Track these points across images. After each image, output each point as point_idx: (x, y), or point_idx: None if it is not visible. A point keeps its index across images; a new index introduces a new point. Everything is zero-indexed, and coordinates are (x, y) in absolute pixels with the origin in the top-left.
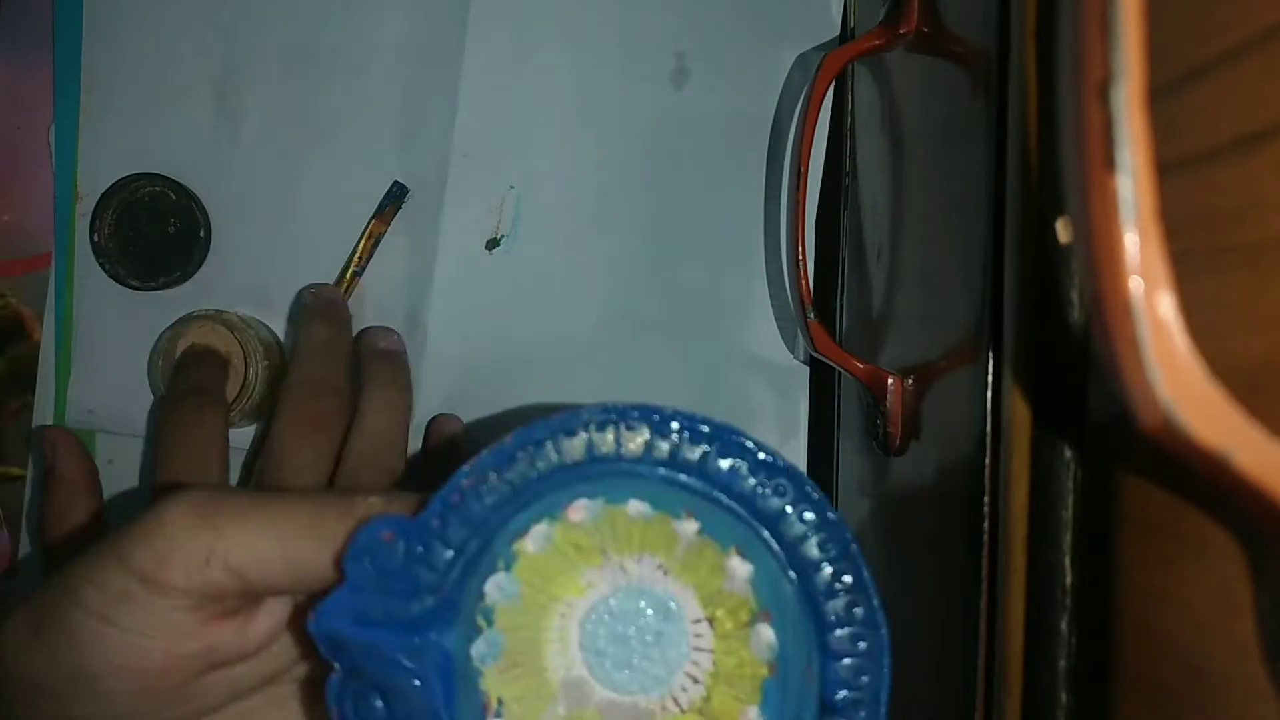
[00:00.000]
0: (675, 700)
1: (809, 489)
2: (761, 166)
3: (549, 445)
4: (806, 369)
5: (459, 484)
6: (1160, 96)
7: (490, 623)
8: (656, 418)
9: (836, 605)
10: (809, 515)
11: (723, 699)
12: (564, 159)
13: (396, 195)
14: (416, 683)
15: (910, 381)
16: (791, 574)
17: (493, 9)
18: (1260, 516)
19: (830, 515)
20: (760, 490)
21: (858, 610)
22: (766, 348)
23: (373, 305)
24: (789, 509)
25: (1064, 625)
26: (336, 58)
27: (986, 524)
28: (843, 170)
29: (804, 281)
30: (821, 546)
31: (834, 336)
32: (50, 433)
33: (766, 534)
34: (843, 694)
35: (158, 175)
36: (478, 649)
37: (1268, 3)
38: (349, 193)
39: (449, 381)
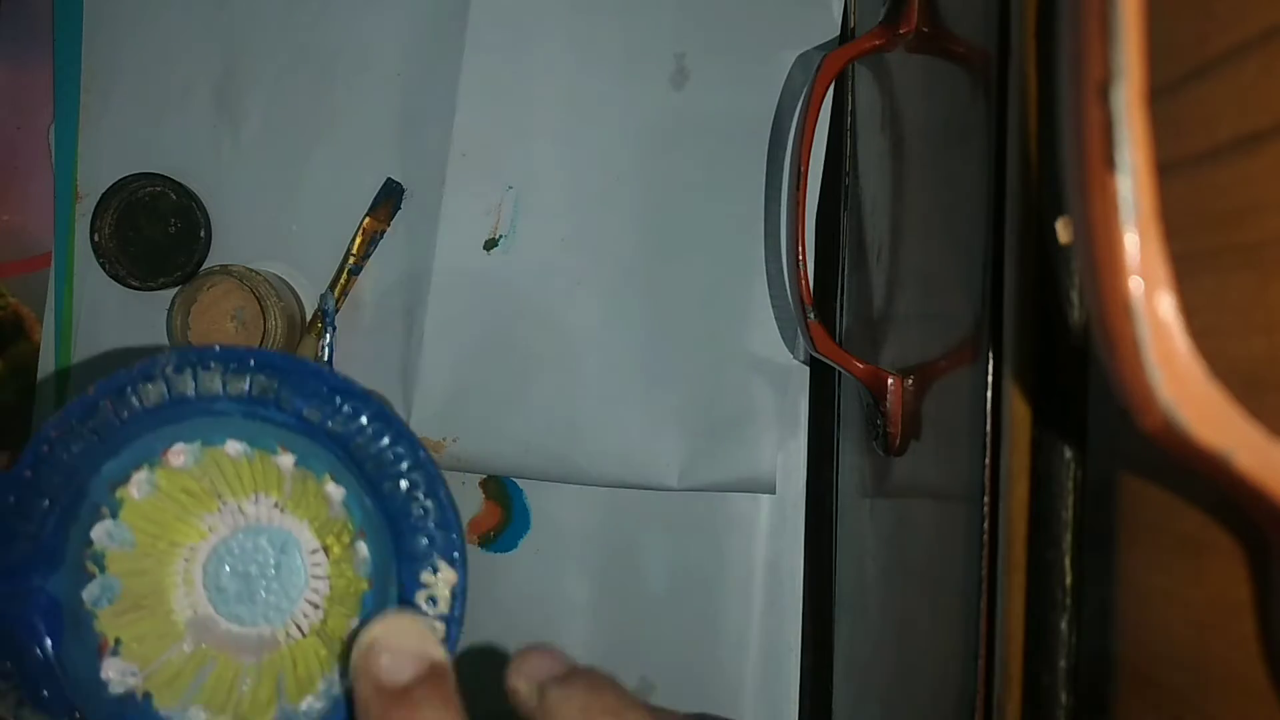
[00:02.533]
0: (297, 626)
1: (382, 409)
2: (761, 166)
3: (128, 392)
4: (806, 369)
5: (47, 434)
6: (1160, 96)
7: (102, 568)
8: (230, 357)
9: (413, 510)
10: (381, 431)
11: (336, 618)
12: (563, 159)
13: (391, 192)
14: (21, 629)
15: (910, 381)
16: (371, 490)
17: (492, 9)
18: (1260, 516)
19: (401, 428)
20: (334, 415)
21: (429, 512)
22: (766, 348)
23: (371, 305)
24: (363, 428)
25: (1064, 625)
26: (336, 58)
27: (986, 524)
28: (843, 170)
29: (804, 281)
30: (396, 454)
31: (834, 336)
32: None
33: (346, 455)
34: (419, 592)
35: (158, 175)
36: (90, 593)
37: (1268, 3)
38: (348, 193)
39: (446, 381)
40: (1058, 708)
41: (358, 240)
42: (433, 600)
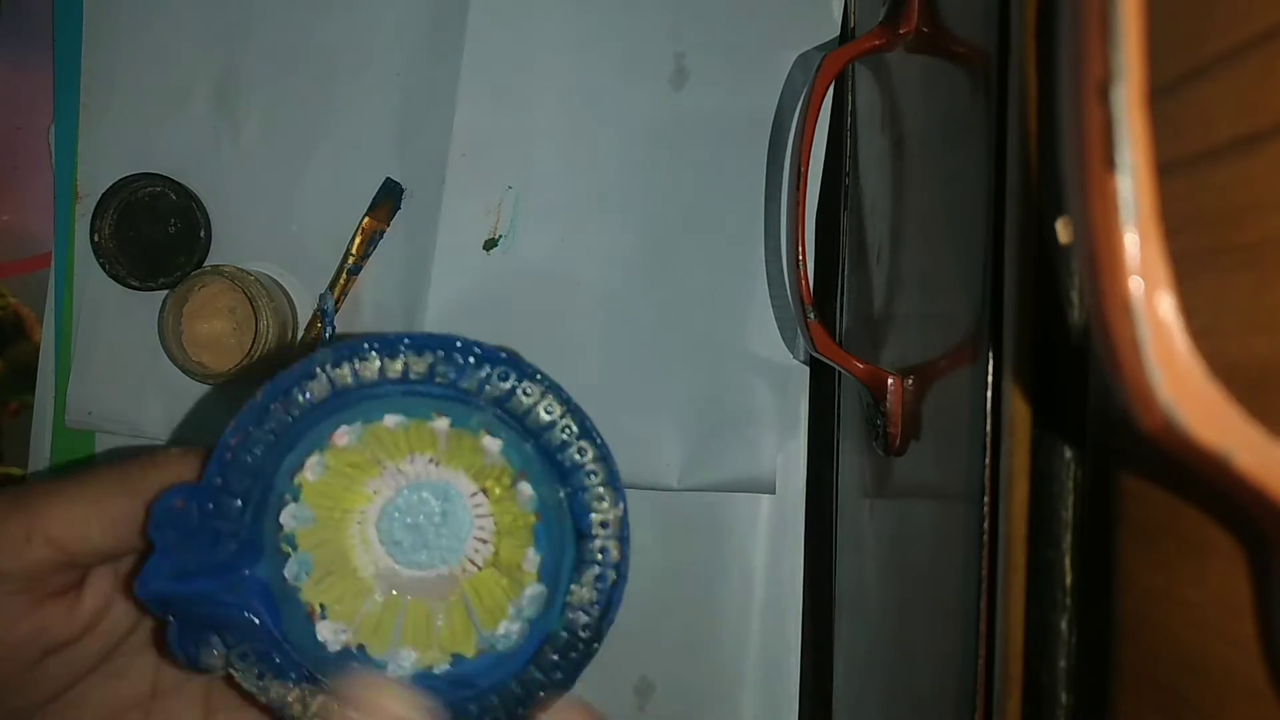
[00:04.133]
0: (471, 561)
1: (527, 368)
2: (761, 166)
3: (295, 392)
4: (806, 369)
5: (228, 443)
6: (1160, 96)
7: (295, 547)
8: (384, 346)
9: (570, 453)
10: (531, 388)
11: (508, 549)
12: (562, 159)
13: (390, 192)
14: (245, 614)
15: (910, 381)
16: (530, 439)
17: (492, 9)
18: (1260, 516)
19: (548, 381)
20: (486, 383)
21: (586, 451)
22: (766, 348)
23: (371, 305)
24: (514, 387)
25: (1064, 625)
26: (336, 58)
27: (986, 524)
28: (843, 170)
29: (804, 281)
30: (548, 410)
31: (834, 336)
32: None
33: (502, 413)
34: (590, 518)
35: (158, 175)
36: (290, 570)
37: (1268, 3)
38: (348, 193)
39: None
40: (1058, 708)
41: (357, 240)
42: (604, 525)
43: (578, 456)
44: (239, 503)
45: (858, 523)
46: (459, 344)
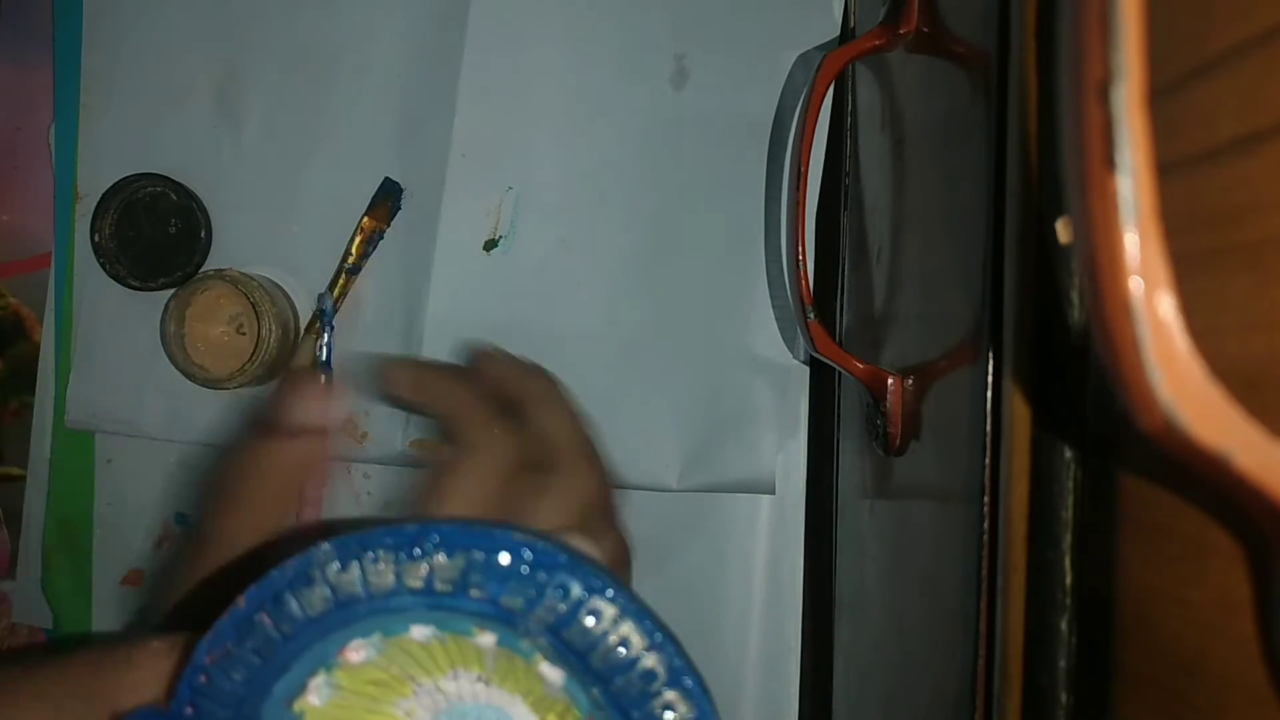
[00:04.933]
0: None
1: (595, 579)
2: (761, 166)
3: (287, 600)
4: (806, 369)
5: (201, 662)
6: (1160, 96)
7: None
8: (401, 541)
9: (654, 708)
10: (602, 607)
11: None
12: (562, 160)
13: (389, 191)
14: None
15: (910, 381)
16: (598, 683)
17: (492, 9)
18: (1260, 516)
19: (624, 598)
20: (539, 600)
21: (677, 706)
22: (766, 348)
23: (370, 305)
24: (578, 608)
25: (1064, 625)
26: (336, 58)
27: (986, 524)
28: (843, 170)
29: (804, 281)
30: (624, 644)
31: (834, 336)
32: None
33: (560, 643)
34: None
35: (158, 175)
36: None
37: (1268, 3)
38: (348, 193)
39: None
40: (1058, 708)
41: (356, 240)
42: None
43: (667, 715)
44: None
45: (858, 523)
46: (505, 540)
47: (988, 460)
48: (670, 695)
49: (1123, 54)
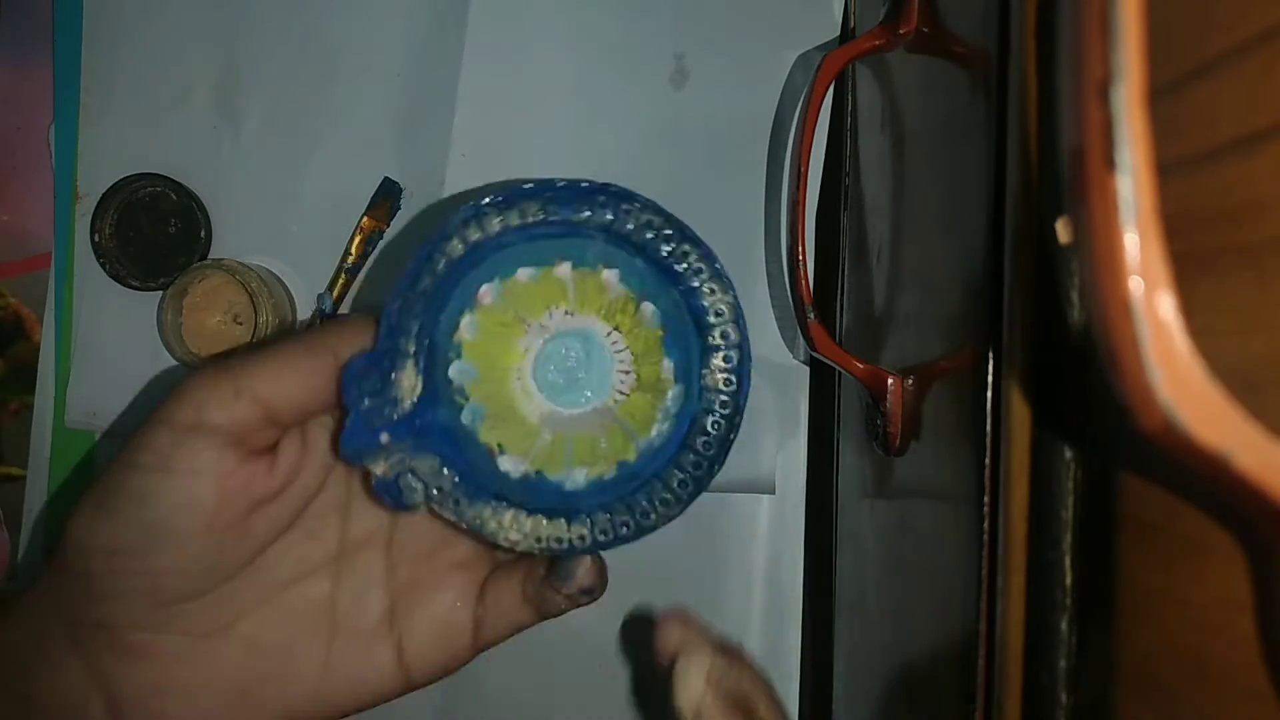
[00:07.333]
0: (620, 391)
1: (623, 192)
2: (761, 166)
3: (435, 256)
4: (806, 369)
5: (392, 309)
6: (1160, 96)
7: (466, 398)
8: (499, 199)
9: (676, 255)
10: (629, 206)
11: (647, 370)
12: (563, 160)
13: (388, 191)
14: (436, 455)
15: (910, 381)
16: (639, 254)
17: (493, 9)
18: (1260, 516)
19: (642, 199)
20: (591, 210)
21: (690, 252)
22: (766, 348)
23: (370, 306)
24: (619, 213)
25: (1064, 625)
26: (336, 58)
27: (986, 524)
28: (843, 170)
29: (804, 281)
30: (650, 224)
31: (834, 336)
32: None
33: (611, 236)
34: (706, 308)
35: (158, 175)
36: (466, 416)
37: (1268, 3)
38: (348, 193)
39: None
40: (1058, 708)
41: (356, 240)
42: (719, 312)
43: (684, 258)
44: (411, 362)
45: (858, 523)
46: (561, 184)
47: (988, 460)
48: (685, 246)
49: (1123, 54)
